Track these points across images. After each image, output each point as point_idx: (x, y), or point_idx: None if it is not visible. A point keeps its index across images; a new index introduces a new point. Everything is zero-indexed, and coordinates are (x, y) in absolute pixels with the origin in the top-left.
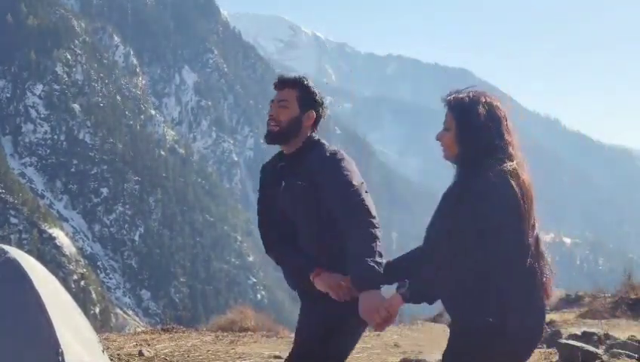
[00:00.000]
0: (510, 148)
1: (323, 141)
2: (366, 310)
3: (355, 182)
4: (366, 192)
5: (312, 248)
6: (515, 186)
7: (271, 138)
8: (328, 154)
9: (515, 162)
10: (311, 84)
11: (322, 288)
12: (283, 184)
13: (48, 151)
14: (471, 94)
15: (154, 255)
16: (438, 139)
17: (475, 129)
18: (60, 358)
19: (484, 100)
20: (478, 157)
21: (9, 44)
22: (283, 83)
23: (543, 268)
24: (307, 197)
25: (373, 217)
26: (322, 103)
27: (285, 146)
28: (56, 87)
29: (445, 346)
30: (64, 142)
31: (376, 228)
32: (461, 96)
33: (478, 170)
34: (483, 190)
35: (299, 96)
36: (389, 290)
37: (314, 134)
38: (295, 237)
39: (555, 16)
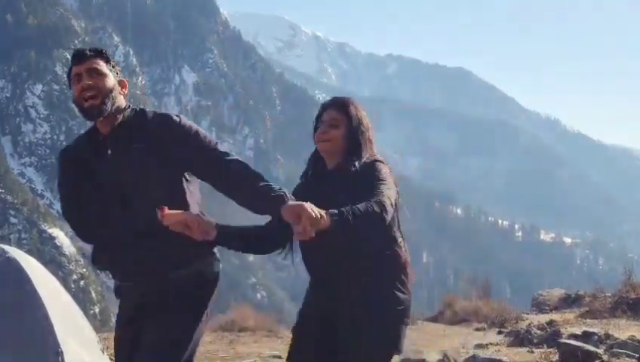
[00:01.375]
0: (375, 146)
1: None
2: (294, 210)
3: (212, 139)
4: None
5: (154, 212)
6: (388, 170)
7: (98, 111)
8: (165, 116)
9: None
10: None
11: (174, 223)
12: (110, 152)
13: (48, 151)
14: (355, 101)
15: None
16: (323, 133)
17: (363, 128)
18: (60, 358)
19: (362, 108)
20: (363, 150)
21: (9, 43)
22: (85, 55)
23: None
24: (149, 159)
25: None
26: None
27: (103, 121)
28: (55, 87)
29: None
30: (64, 142)
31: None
32: (350, 101)
33: (362, 158)
34: (369, 167)
35: (108, 66)
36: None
37: (130, 105)
38: (125, 209)
39: (555, 16)
